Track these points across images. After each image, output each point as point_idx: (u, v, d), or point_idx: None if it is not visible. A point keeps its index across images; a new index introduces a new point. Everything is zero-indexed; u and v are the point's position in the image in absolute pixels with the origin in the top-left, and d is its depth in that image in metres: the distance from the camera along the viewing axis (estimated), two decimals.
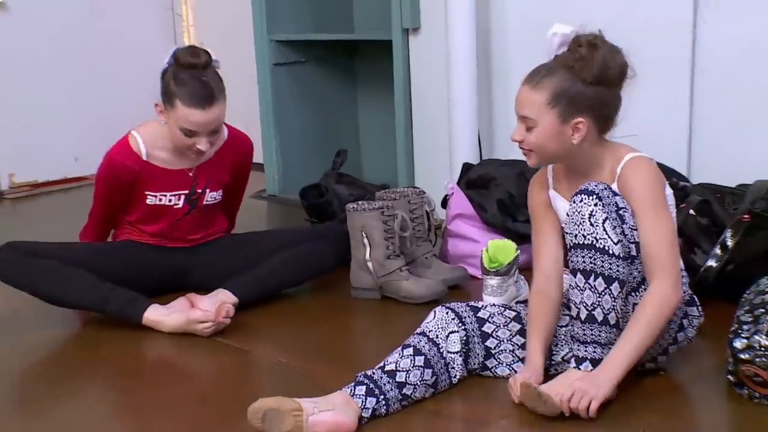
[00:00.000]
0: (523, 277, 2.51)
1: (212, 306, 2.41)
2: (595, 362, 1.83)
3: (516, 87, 3.33)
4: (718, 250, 2.33)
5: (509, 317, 2.04)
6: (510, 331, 2.03)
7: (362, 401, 1.83)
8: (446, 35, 3.14)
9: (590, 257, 1.80)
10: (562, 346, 2.01)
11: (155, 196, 2.57)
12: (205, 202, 2.63)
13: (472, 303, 2.07)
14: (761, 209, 2.35)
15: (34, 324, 2.51)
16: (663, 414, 1.84)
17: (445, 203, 2.91)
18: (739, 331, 1.87)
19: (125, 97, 2.73)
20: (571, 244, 1.84)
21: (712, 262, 2.33)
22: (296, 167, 3.96)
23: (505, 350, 2.02)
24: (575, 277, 1.83)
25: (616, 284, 1.81)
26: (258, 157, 4.16)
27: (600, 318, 1.82)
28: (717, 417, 1.91)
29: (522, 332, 2.03)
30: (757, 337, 1.83)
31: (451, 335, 1.97)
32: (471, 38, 3.11)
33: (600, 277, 1.80)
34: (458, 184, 2.93)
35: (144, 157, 2.53)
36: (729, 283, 2.27)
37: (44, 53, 4.26)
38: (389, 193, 2.78)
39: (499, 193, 2.82)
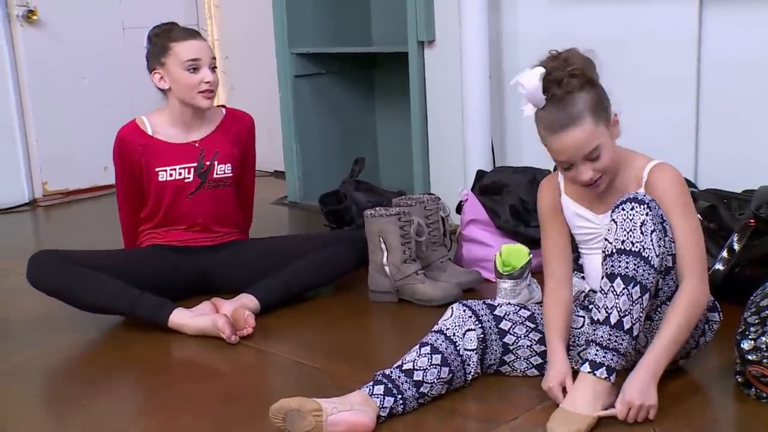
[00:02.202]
0: (535, 280, 2.53)
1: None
2: (611, 370, 1.80)
3: None
4: (725, 254, 2.35)
5: (524, 316, 2.05)
6: (527, 327, 2.04)
7: (380, 400, 1.85)
8: (460, 47, 3.17)
9: (634, 264, 1.78)
10: (574, 348, 2.03)
11: (165, 171, 2.63)
12: (215, 175, 2.68)
13: (488, 301, 2.08)
14: (766, 214, 2.36)
15: (65, 326, 2.56)
16: (673, 413, 1.84)
17: (459, 209, 2.94)
18: (747, 333, 1.89)
19: (152, 109, 2.82)
20: (615, 250, 1.80)
21: (719, 266, 2.34)
22: (316, 175, 4.00)
23: (523, 345, 2.03)
24: (612, 281, 1.80)
25: (647, 295, 1.80)
26: (279, 165, 4.27)
27: (627, 326, 1.79)
28: (725, 417, 1.92)
29: (537, 329, 2.04)
30: (764, 339, 1.84)
31: (468, 333, 1.98)
32: (484, 50, 3.14)
33: (638, 286, 1.78)
34: (472, 190, 2.95)
35: (149, 133, 2.63)
36: (736, 285, 2.28)
37: (76, 66, 4.34)
38: (405, 199, 2.81)
39: (511, 199, 2.85)
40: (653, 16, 2.90)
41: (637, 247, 1.79)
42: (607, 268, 1.82)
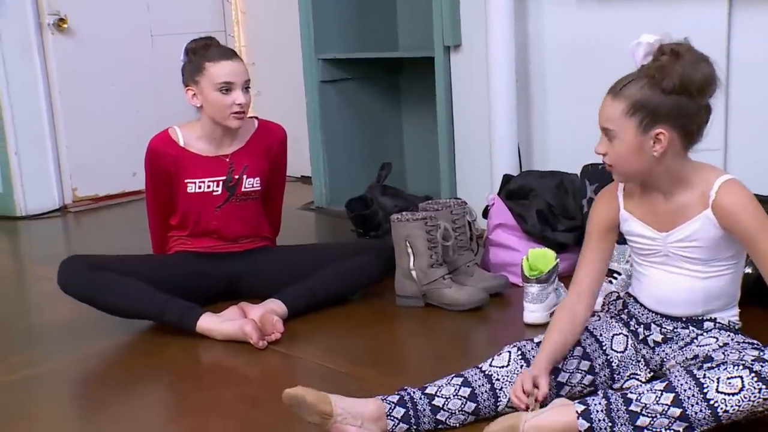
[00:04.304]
0: (562, 284, 2.53)
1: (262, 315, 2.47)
2: (591, 429, 1.69)
3: (554, 100, 3.39)
4: None
5: (578, 355, 1.92)
6: (581, 372, 1.92)
7: (394, 424, 1.81)
8: (486, 51, 3.17)
9: (703, 416, 1.66)
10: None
11: (194, 183, 2.64)
12: (243, 189, 2.69)
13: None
14: None
15: (95, 332, 2.58)
16: None
17: (486, 213, 2.93)
18: None
19: (180, 116, 2.84)
20: (702, 399, 1.65)
21: (749, 269, 2.27)
22: (343, 180, 4.00)
23: (575, 393, 1.91)
24: (667, 392, 1.67)
25: (687, 427, 1.67)
26: (306, 170, 4.28)
27: (639, 422, 1.68)
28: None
29: (591, 370, 1.92)
30: None
31: None
32: (510, 54, 3.13)
33: (683, 425, 1.66)
34: (499, 194, 2.95)
35: (181, 144, 2.64)
36: (766, 289, 2.23)
37: (105, 74, 4.39)
38: (432, 204, 2.80)
39: (538, 204, 2.83)
40: (682, 19, 2.88)
41: (722, 416, 1.66)
42: (680, 392, 1.67)
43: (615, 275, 2.52)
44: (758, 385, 1.65)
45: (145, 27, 4.54)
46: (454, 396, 1.85)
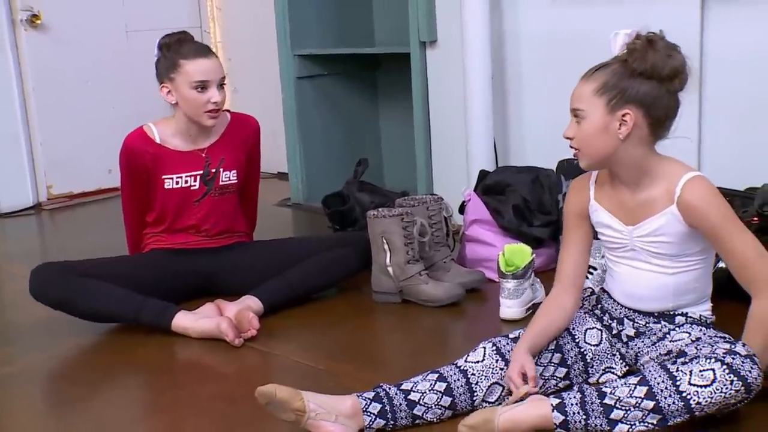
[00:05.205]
0: (538, 280, 2.55)
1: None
2: (565, 425, 1.71)
3: (529, 95, 3.40)
4: None
5: (555, 362, 1.94)
6: (553, 365, 1.94)
7: (371, 420, 1.81)
8: (462, 47, 3.17)
9: (677, 408, 1.67)
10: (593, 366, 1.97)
11: (172, 179, 2.64)
12: (221, 182, 2.68)
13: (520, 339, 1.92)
14: None
15: (70, 330, 2.56)
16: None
17: (462, 209, 2.94)
18: None
19: (156, 113, 2.83)
20: (675, 391, 1.67)
21: (723, 264, 2.35)
22: (320, 176, 4.00)
23: (550, 386, 1.94)
24: (641, 385, 1.69)
25: (661, 424, 1.69)
26: (283, 166, 4.28)
27: (614, 416, 1.70)
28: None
29: (563, 362, 1.94)
30: None
31: (493, 386, 1.87)
32: (485, 50, 3.14)
33: (657, 417, 1.68)
34: (475, 190, 2.96)
35: (157, 141, 2.63)
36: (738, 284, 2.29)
37: (80, 70, 4.36)
38: (408, 200, 2.81)
39: (514, 199, 2.85)
40: (656, 15, 2.89)
41: (694, 407, 1.67)
42: (653, 385, 1.69)
43: (591, 270, 2.53)
44: (730, 377, 1.66)
45: (120, 22, 4.51)
46: (429, 390, 1.86)
